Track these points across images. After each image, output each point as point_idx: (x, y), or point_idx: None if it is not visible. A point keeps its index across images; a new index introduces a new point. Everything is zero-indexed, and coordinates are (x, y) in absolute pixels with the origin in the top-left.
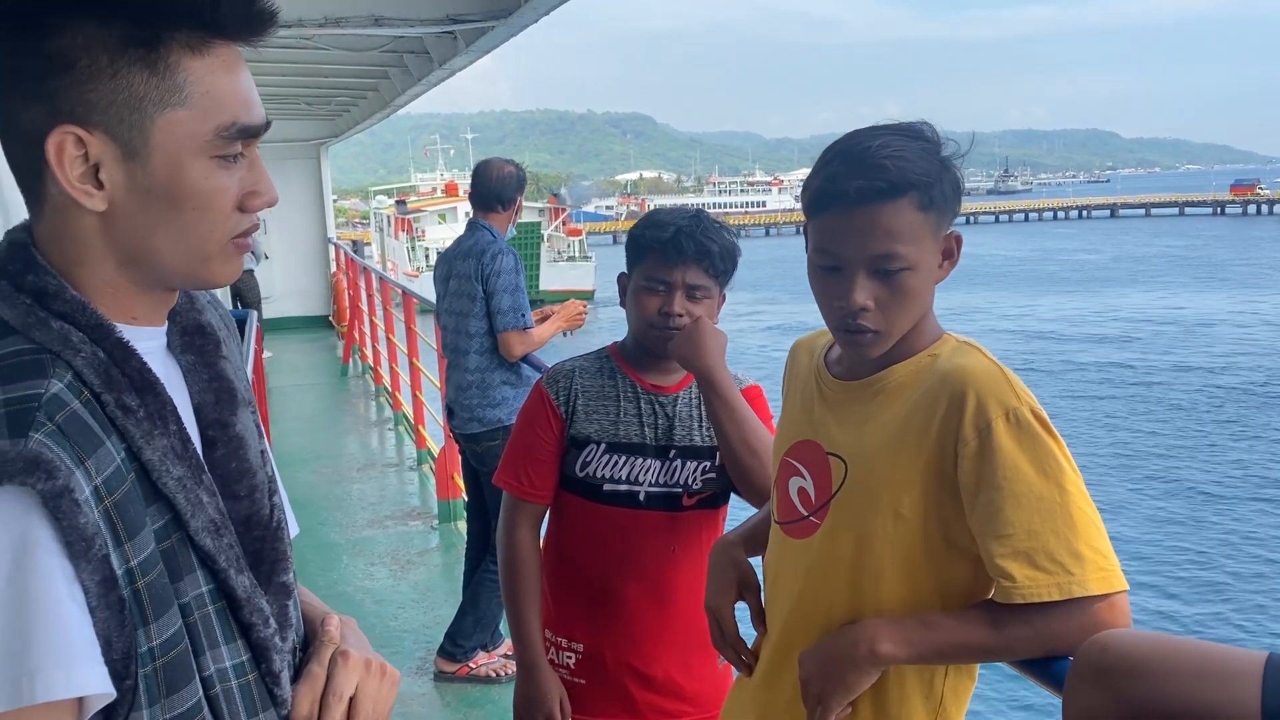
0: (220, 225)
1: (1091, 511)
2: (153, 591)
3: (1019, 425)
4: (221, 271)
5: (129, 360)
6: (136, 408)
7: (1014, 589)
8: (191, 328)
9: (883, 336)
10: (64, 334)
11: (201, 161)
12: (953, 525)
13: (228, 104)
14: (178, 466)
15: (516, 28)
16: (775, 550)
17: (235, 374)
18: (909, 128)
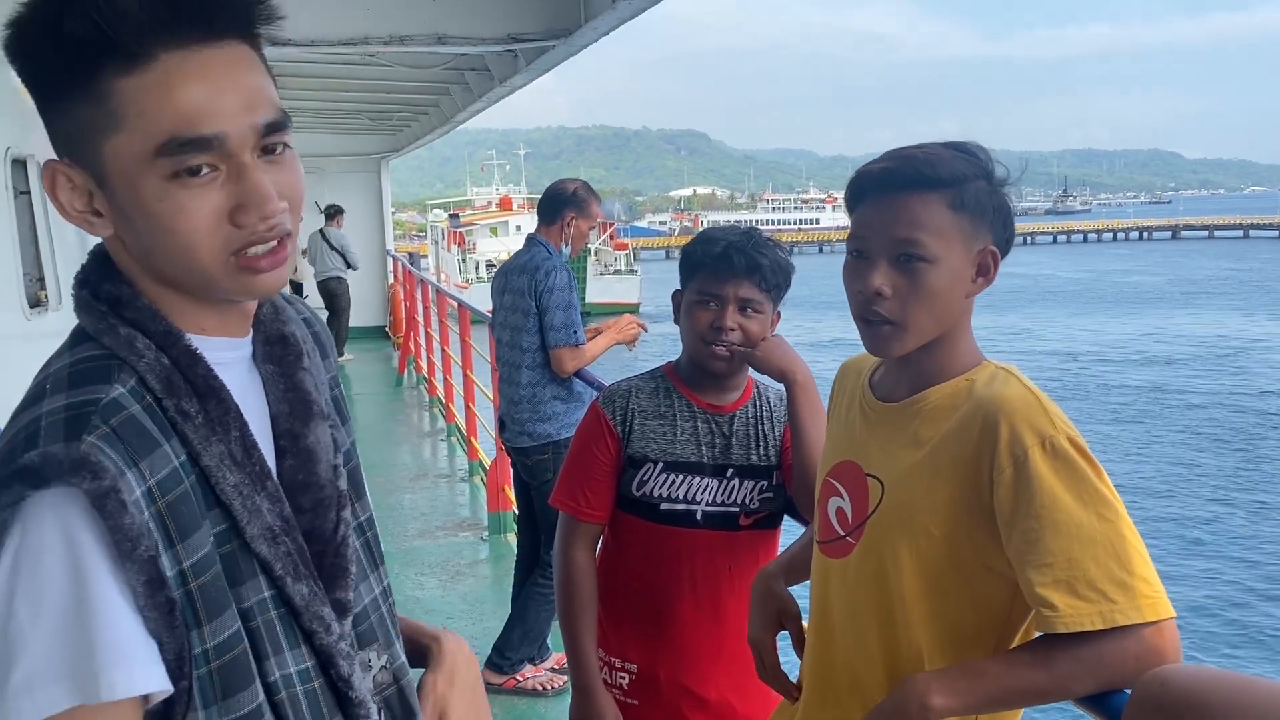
0: (201, 244)
1: (1134, 538)
2: (207, 594)
3: (1056, 453)
4: (236, 288)
5: (194, 367)
6: (195, 413)
7: (1055, 618)
8: (274, 338)
9: (901, 330)
10: (130, 340)
11: (152, 183)
12: (987, 550)
13: (164, 120)
14: (235, 473)
15: (576, 47)
16: (816, 571)
17: (315, 386)
18: (958, 143)
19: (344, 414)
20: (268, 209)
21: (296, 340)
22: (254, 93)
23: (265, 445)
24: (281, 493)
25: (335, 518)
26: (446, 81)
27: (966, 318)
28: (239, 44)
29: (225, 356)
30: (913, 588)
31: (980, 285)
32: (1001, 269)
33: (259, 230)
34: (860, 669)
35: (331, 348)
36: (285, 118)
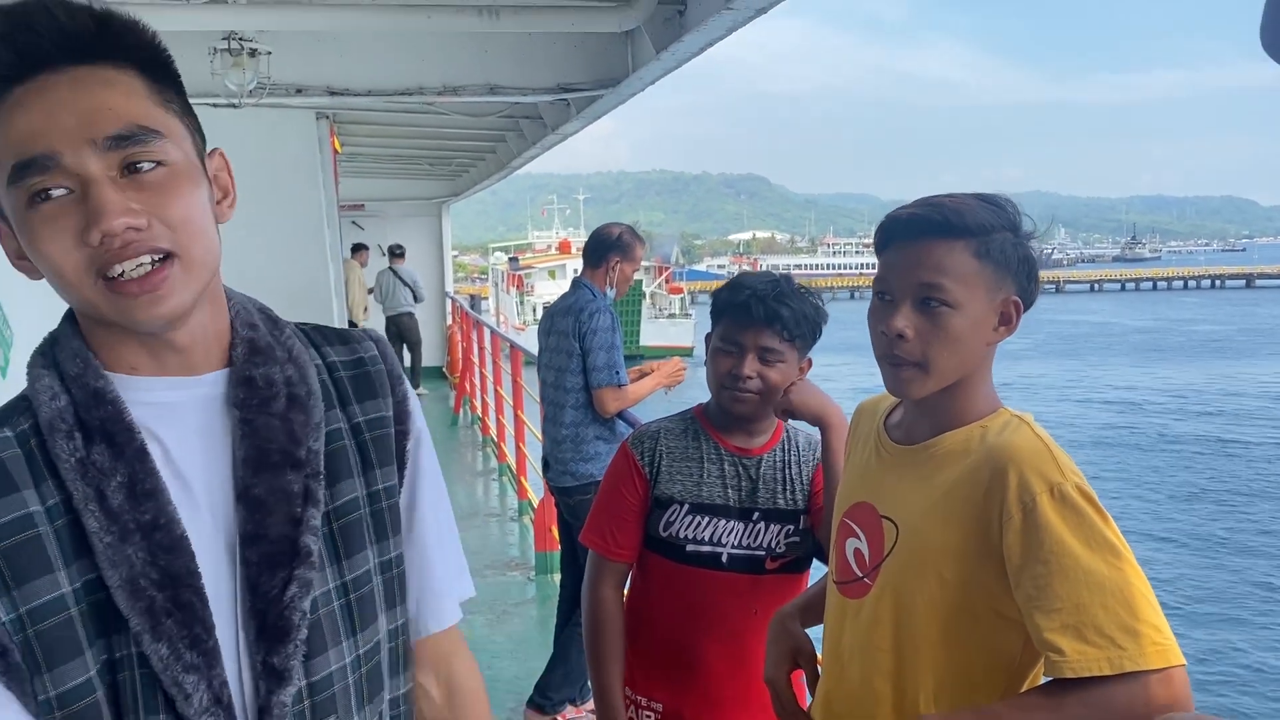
0: (64, 267)
1: (1143, 585)
2: (46, 641)
3: (1064, 501)
4: (120, 313)
5: (94, 408)
6: (70, 455)
7: (1064, 663)
8: (240, 381)
9: (923, 373)
10: (38, 380)
11: (19, 213)
12: (998, 596)
13: (7, 148)
14: (101, 518)
15: (624, 95)
16: (832, 610)
17: (289, 433)
18: (987, 195)
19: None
20: (105, 224)
21: (270, 383)
22: (96, 109)
23: (223, 492)
24: (182, 546)
25: (285, 576)
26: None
27: (987, 365)
28: (94, 68)
29: (168, 396)
30: (925, 630)
31: (1002, 334)
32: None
33: (112, 247)
34: (870, 709)
35: (383, 388)
36: (142, 131)
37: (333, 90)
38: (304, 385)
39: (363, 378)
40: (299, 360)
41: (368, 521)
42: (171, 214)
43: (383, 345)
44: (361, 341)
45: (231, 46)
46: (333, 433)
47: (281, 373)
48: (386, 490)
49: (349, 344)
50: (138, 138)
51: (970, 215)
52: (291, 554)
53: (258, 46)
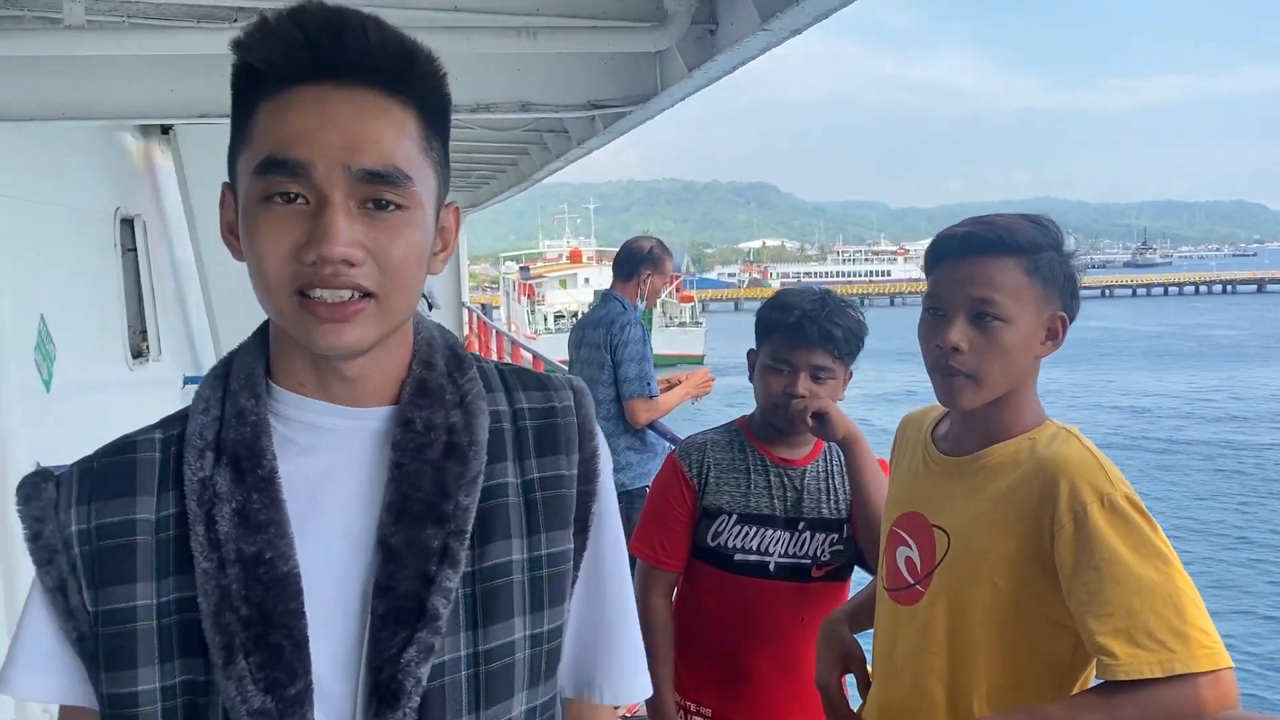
0: (270, 271)
1: (1190, 591)
2: (109, 644)
3: (1114, 510)
4: (302, 331)
5: (237, 427)
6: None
7: (1116, 666)
8: (400, 422)
9: (976, 384)
10: (203, 390)
11: (251, 202)
12: (1049, 602)
13: (270, 139)
14: (206, 544)
15: (653, 111)
16: (884, 617)
17: (439, 484)
18: (1033, 215)
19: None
20: (326, 249)
21: (429, 427)
22: (362, 139)
23: (366, 533)
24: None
25: (406, 636)
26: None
27: (1033, 378)
28: (379, 96)
29: (328, 422)
30: (978, 635)
31: (1049, 348)
32: (1079, 321)
33: (321, 272)
34: (924, 712)
35: (568, 443)
36: (397, 174)
37: None
38: (467, 434)
39: (548, 430)
40: (470, 407)
41: (523, 588)
42: (390, 259)
43: (581, 396)
44: (559, 389)
45: None
46: (495, 488)
47: (445, 419)
48: (552, 556)
49: (545, 390)
50: (390, 178)
51: (1021, 234)
52: (417, 614)
53: None
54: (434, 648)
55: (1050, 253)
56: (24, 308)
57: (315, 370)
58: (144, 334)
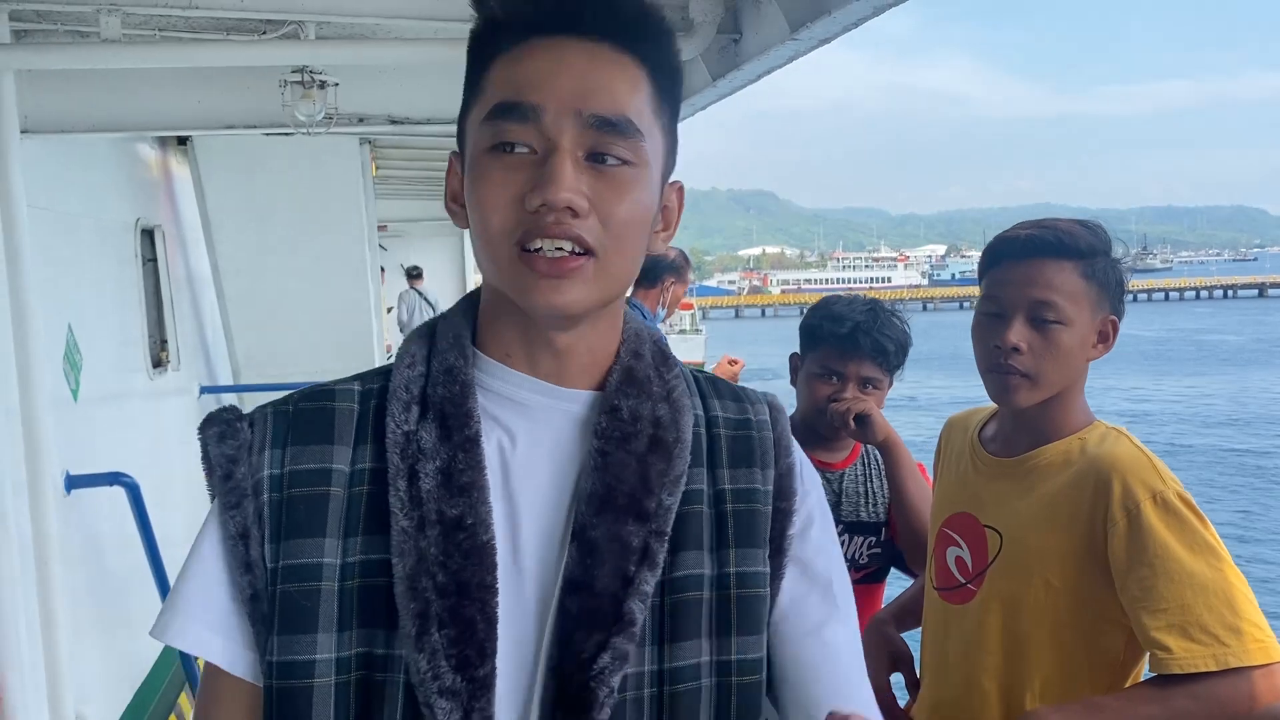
0: (492, 220)
1: (1243, 586)
2: (288, 605)
3: (1166, 507)
4: (518, 287)
5: (444, 385)
6: (399, 426)
7: (1171, 660)
8: (605, 409)
9: (1032, 384)
10: (407, 347)
11: (478, 153)
12: (1103, 598)
13: (500, 86)
14: (408, 501)
15: None
16: (933, 616)
17: (642, 478)
18: (1085, 220)
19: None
20: (551, 194)
21: (636, 417)
22: (595, 87)
23: (554, 522)
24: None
25: (601, 640)
26: None
27: (1082, 380)
28: (616, 50)
29: (529, 399)
30: (1032, 632)
31: (1100, 351)
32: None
33: (544, 220)
34: (977, 709)
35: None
36: (628, 125)
37: (393, 119)
38: (674, 430)
39: (743, 440)
40: (676, 403)
41: (710, 607)
42: (614, 214)
43: (778, 412)
44: (755, 403)
45: (304, 79)
46: (691, 493)
47: (652, 411)
48: (742, 576)
49: (740, 402)
50: (621, 128)
51: (1080, 238)
52: (613, 616)
53: (326, 79)
54: (628, 656)
55: (1103, 257)
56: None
57: (525, 340)
58: (164, 344)
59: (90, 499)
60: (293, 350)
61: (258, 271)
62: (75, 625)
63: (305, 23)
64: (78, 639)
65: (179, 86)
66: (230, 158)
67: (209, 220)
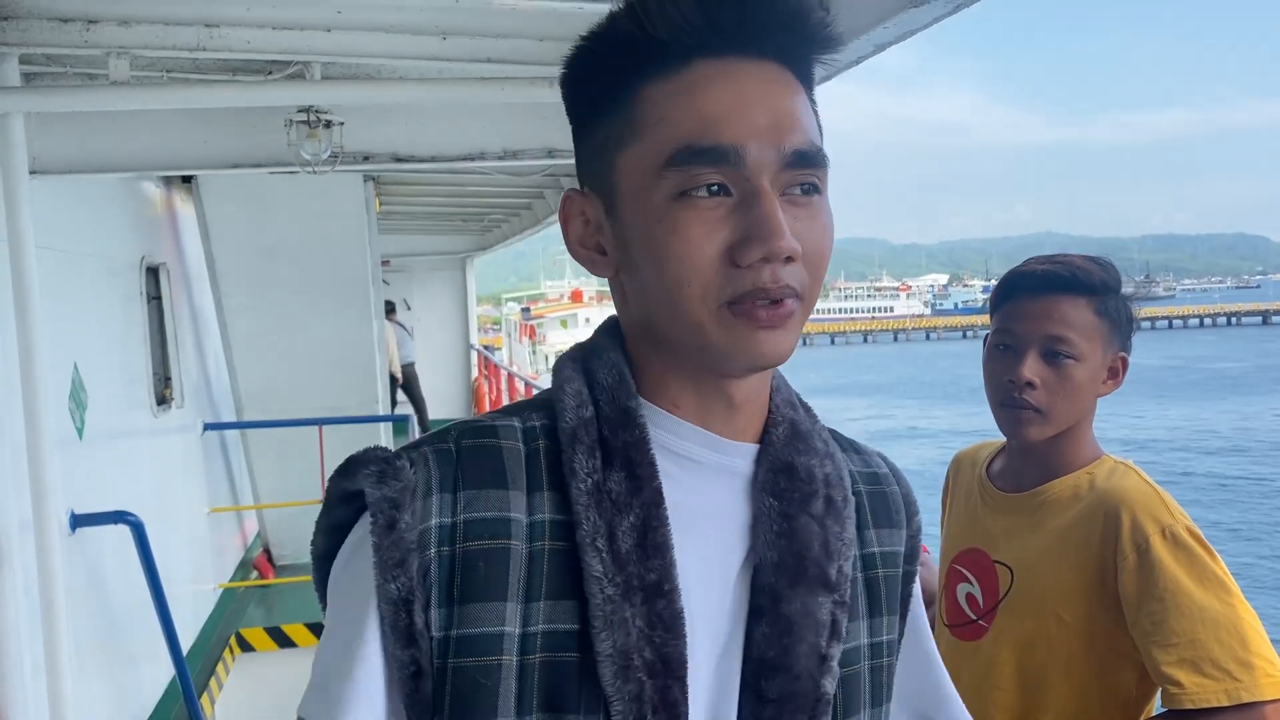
0: (692, 278)
1: (1253, 619)
2: (465, 685)
3: (1176, 541)
4: (731, 343)
5: (622, 428)
6: (588, 475)
7: (1182, 695)
8: (780, 466)
9: (1044, 418)
10: (566, 384)
11: (656, 200)
12: (1114, 634)
13: (683, 126)
14: (607, 563)
15: None
16: (944, 653)
17: (823, 545)
18: (1095, 256)
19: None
20: (775, 244)
21: (811, 477)
22: (787, 115)
23: (729, 595)
24: (681, 626)
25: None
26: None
27: (1090, 415)
28: (779, 68)
29: (696, 452)
30: (1045, 668)
31: (1110, 387)
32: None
33: (762, 277)
34: None
35: (898, 515)
36: (821, 156)
37: (399, 157)
38: (841, 489)
39: (880, 498)
40: (837, 458)
41: (865, 679)
42: (817, 251)
43: (893, 464)
44: (873, 455)
45: (310, 119)
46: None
47: (821, 467)
48: (889, 645)
49: (862, 454)
50: (815, 160)
51: (1092, 274)
52: (814, 698)
53: (332, 118)
54: None
55: (1114, 294)
56: (59, 356)
57: (697, 390)
58: (168, 381)
59: (94, 537)
60: (296, 387)
61: (261, 308)
62: (79, 663)
63: (311, 63)
64: (82, 676)
65: (186, 126)
66: (234, 196)
67: (213, 258)
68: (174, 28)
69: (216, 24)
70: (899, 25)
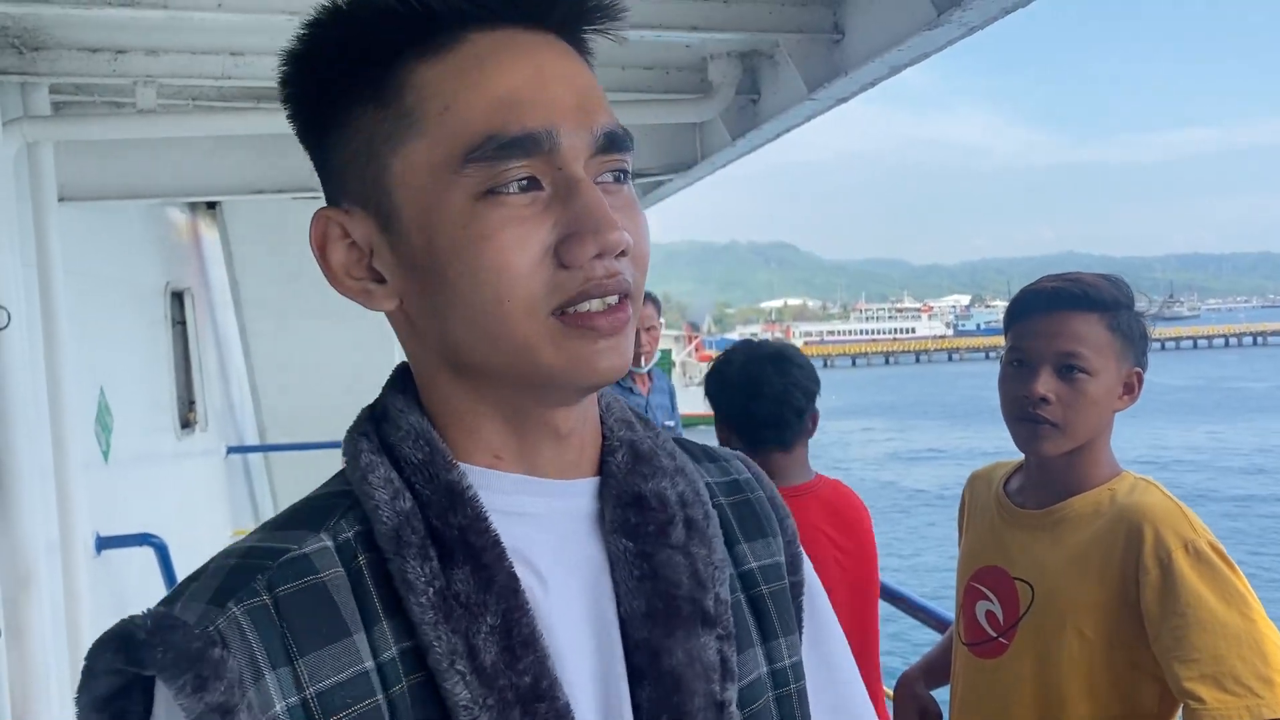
0: (515, 289)
1: (1274, 635)
2: None
3: (1198, 557)
4: (569, 361)
5: (450, 512)
6: (428, 583)
7: (1204, 711)
8: (629, 498)
9: (1060, 433)
10: (369, 471)
11: (456, 203)
12: (1136, 649)
13: (478, 113)
14: (471, 685)
15: (692, 179)
16: (964, 671)
17: (694, 575)
18: (1107, 274)
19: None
20: (608, 236)
21: (664, 502)
22: (591, 93)
23: (602, 656)
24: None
25: None
26: None
27: (1108, 431)
28: (562, 40)
29: (530, 505)
30: (1066, 685)
31: (1126, 402)
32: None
33: (595, 274)
34: None
35: (770, 523)
36: (630, 138)
37: None
38: (700, 506)
39: (745, 507)
40: (689, 473)
41: (773, 713)
42: (640, 244)
43: (755, 467)
44: (730, 460)
45: None
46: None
47: (674, 488)
48: (794, 669)
49: (717, 462)
50: (624, 142)
51: (1104, 291)
52: None
53: None
54: None
55: (1127, 310)
56: (86, 380)
57: (517, 431)
58: (191, 405)
59: (119, 559)
60: (319, 411)
61: (284, 333)
62: None
63: None
64: None
65: (211, 153)
66: (258, 221)
67: (237, 282)
68: (200, 56)
69: (241, 53)
70: (914, 48)
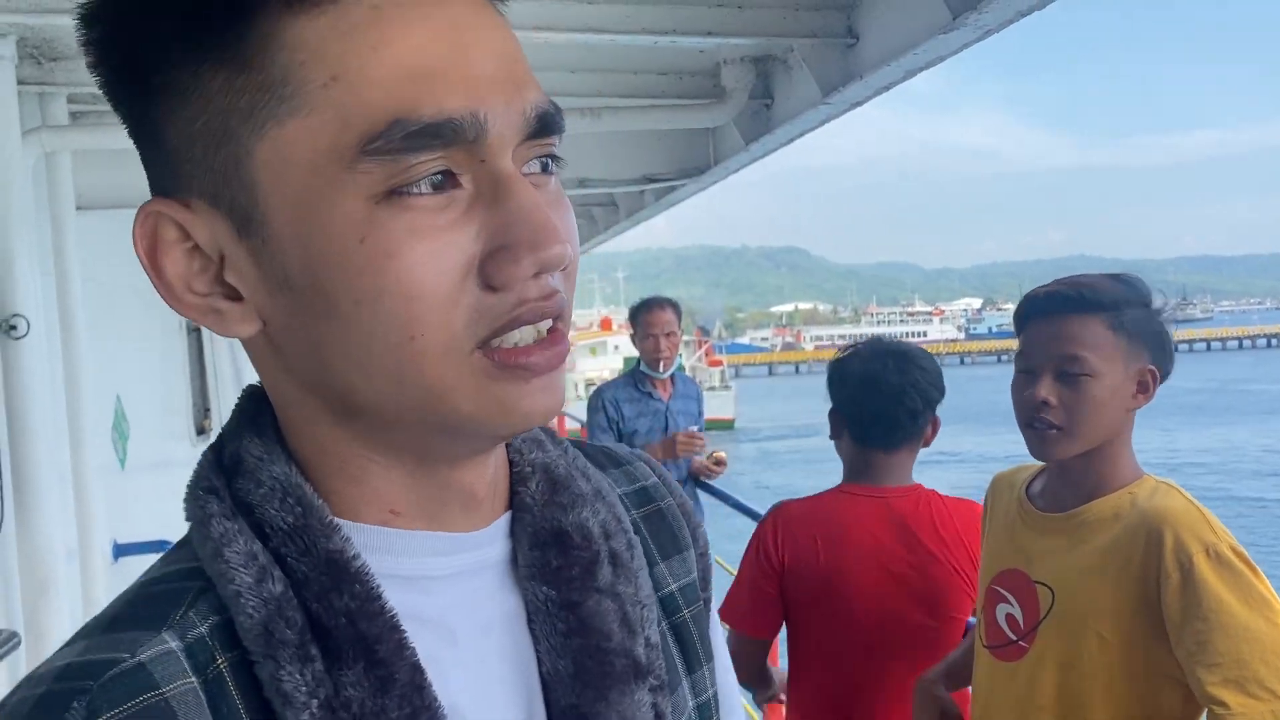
0: (426, 323)
1: None
2: None
3: (1220, 560)
4: (481, 411)
5: (337, 594)
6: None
7: (1228, 715)
8: (546, 536)
9: (1066, 436)
10: (224, 544)
11: (348, 206)
12: (1157, 653)
13: (377, 89)
14: None
15: (705, 184)
16: (984, 674)
17: (623, 621)
18: (1119, 274)
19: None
20: (550, 251)
21: (588, 537)
22: (516, 60)
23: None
24: None
25: None
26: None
27: (1127, 432)
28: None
29: (434, 567)
30: (1087, 689)
31: (1140, 401)
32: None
33: (529, 296)
34: None
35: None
36: (560, 113)
37: None
38: (623, 536)
39: (657, 519)
40: (607, 495)
41: None
42: (576, 250)
43: (660, 469)
44: (633, 463)
45: None
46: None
47: (594, 517)
48: (714, 698)
49: (622, 467)
50: (557, 125)
51: (1103, 291)
52: None
53: None
54: None
55: (1136, 308)
56: (103, 387)
57: (415, 484)
58: (207, 411)
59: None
60: None
61: None
62: None
63: None
64: None
65: None
66: None
67: None
68: None
69: None
70: (928, 51)
